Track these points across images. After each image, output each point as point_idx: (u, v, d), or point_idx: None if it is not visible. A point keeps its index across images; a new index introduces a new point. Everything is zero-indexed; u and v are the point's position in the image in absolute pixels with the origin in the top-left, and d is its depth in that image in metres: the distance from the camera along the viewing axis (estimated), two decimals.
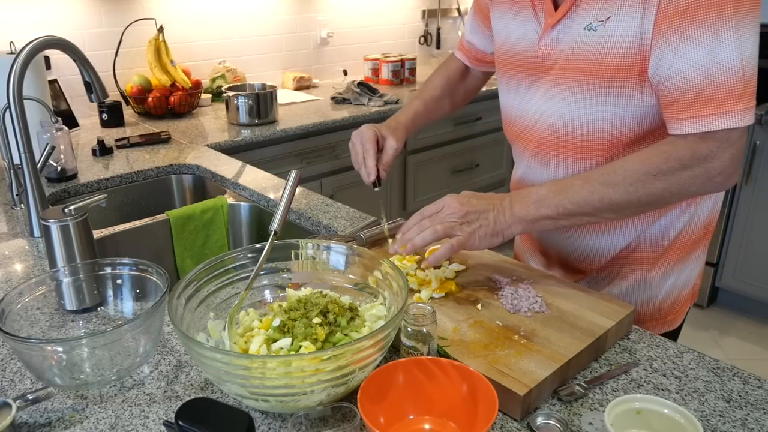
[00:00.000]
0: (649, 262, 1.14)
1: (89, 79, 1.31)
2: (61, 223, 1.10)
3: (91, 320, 1.02)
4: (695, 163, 0.91)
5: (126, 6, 2.51)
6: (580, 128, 1.05)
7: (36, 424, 0.80)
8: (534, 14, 1.08)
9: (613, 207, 0.96)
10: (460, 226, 0.98)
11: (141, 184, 1.82)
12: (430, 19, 3.66)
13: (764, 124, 2.67)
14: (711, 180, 0.92)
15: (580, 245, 1.17)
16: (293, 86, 3.00)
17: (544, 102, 1.09)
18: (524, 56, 1.12)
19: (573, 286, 1.03)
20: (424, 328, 0.82)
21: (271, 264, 0.98)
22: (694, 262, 1.17)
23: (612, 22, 0.96)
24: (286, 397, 0.75)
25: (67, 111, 2.30)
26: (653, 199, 0.95)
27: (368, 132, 1.23)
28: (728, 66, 0.87)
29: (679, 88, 0.91)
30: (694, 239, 1.14)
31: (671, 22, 0.89)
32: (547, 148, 1.12)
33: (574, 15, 1.01)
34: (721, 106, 0.88)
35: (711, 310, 3.08)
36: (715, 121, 0.89)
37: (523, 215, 0.98)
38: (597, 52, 0.98)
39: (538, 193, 0.99)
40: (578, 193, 0.96)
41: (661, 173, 0.92)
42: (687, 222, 1.11)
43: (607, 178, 0.96)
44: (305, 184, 2.40)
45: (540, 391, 0.80)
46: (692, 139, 0.91)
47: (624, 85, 0.98)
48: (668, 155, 0.92)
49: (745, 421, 0.79)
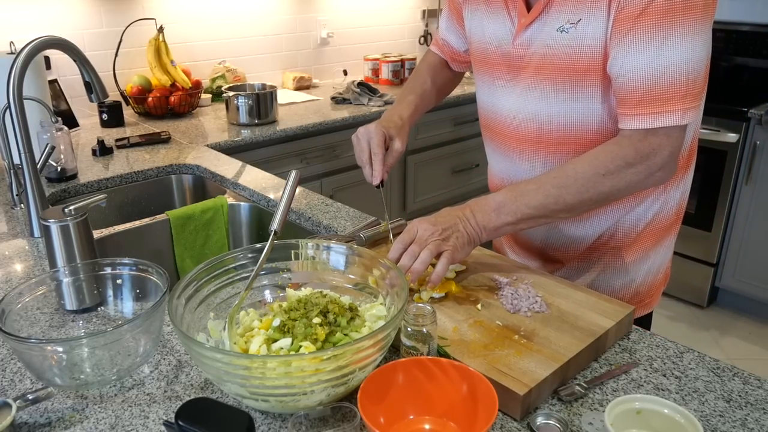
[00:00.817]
0: (625, 248, 1.19)
1: (89, 79, 1.31)
2: (61, 223, 1.10)
3: (91, 320, 1.02)
4: (639, 160, 0.97)
5: (126, 6, 2.51)
6: (556, 124, 1.10)
7: (36, 424, 0.80)
8: (507, 14, 1.11)
9: (567, 207, 1.02)
10: (443, 242, 1.00)
11: (141, 184, 1.82)
12: (430, 19, 3.66)
13: (764, 124, 2.67)
14: (652, 175, 0.99)
15: (557, 235, 1.21)
16: (293, 86, 3.00)
17: (522, 100, 1.13)
18: (499, 55, 1.15)
19: (573, 286, 1.03)
20: (424, 328, 0.82)
21: (271, 264, 0.98)
22: (667, 246, 1.23)
23: (582, 24, 1.00)
24: (286, 397, 0.75)
25: (67, 111, 2.30)
26: (603, 197, 1.02)
27: (378, 133, 1.20)
28: (673, 69, 0.93)
29: (627, 86, 0.97)
30: (666, 225, 1.20)
31: (624, 24, 0.95)
32: (525, 143, 1.16)
33: (546, 17, 1.05)
34: (664, 105, 0.95)
35: (711, 310, 3.08)
36: (657, 118, 0.95)
37: (485, 224, 1.03)
38: (569, 52, 1.03)
39: (495, 201, 1.03)
40: (534, 197, 1.02)
41: (608, 173, 0.99)
42: (659, 209, 1.17)
43: (560, 181, 1.01)
44: (305, 184, 2.40)
45: (540, 391, 0.80)
46: (636, 137, 0.98)
47: (593, 84, 1.03)
48: (614, 155, 0.99)
49: (745, 421, 0.79)
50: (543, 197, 1.01)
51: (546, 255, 1.26)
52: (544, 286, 1.03)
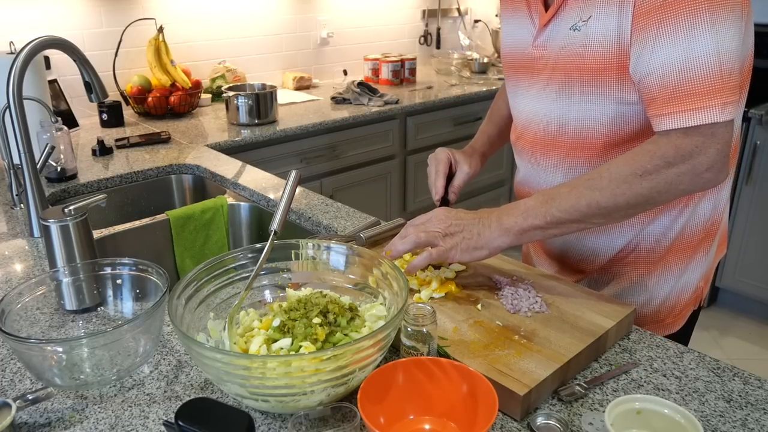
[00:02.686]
0: (646, 264, 1.13)
1: (89, 79, 1.31)
2: (61, 223, 1.10)
3: (91, 320, 1.01)
4: (680, 159, 0.90)
5: (126, 6, 2.51)
6: (570, 128, 1.06)
7: (36, 424, 0.80)
8: (529, 16, 1.10)
9: (601, 211, 0.94)
10: (442, 237, 0.99)
11: (141, 184, 1.82)
12: (430, 19, 3.65)
13: (764, 124, 2.67)
14: (699, 176, 0.91)
15: (579, 246, 1.17)
16: (293, 86, 3.00)
17: (536, 102, 1.11)
18: (521, 58, 1.13)
19: (573, 286, 1.03)
20: (424, 328, 0.82)
21: (271, 264, 0.98)
22: (696, 265, 1.14)
23: (592, 21, 0.97)
24: (286, 397, 0.75)
25: (67, 111, 2.30)
26: (642, 200, 0.93)
27: (442, 154, 1.29)
28: (704, 61, 0.87)
29: (657, 84, 0.91)
30: (694, 242, 1.12)
31: (647, 18, 0.90)
32: (541, 148, 1.13)
33: (562, 15, 1.02)
34: (699, 101, 0.88)
35: (711, 310, 3.08)
36: (694, 116, 0.88)
37: (510, 226, 0.97)
38: (580, 51, 0.99)
39: (525, 204, 0.98)
40: (565, 200, 0.95)
41: (646, 173, 0.91)
42: (685, 224, 1.10)
43: (593, 182, 0.94)
44: (305, 184, 2.40)
45: (540, 391, 0.80)
46: (675, 135, 0.90)
47: (605, 83, 0.98)
48: (652, 154, 0.91)
49: (745, 421, 0.79)
50: (575, 199, 0.94)
51: (569, 264, 1.22)
52: (544, 286, 1.03)
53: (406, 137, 2.83)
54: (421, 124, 2.86)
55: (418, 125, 2.85)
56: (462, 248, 0.99)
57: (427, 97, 2.89)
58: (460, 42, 3.77)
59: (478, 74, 3.47)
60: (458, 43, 3.77)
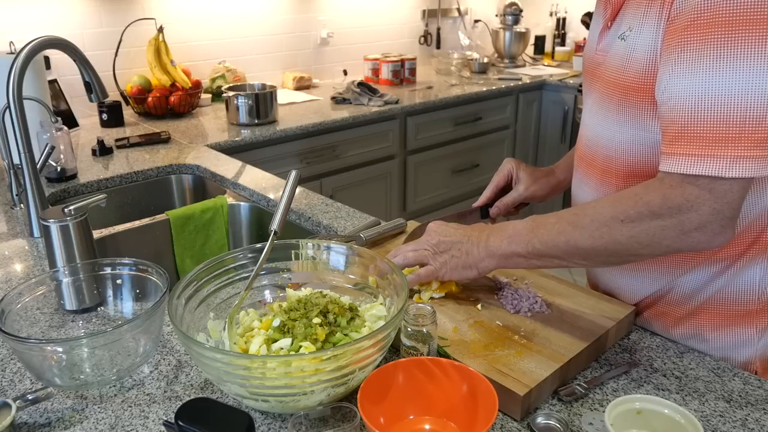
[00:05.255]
0: (672, 318, 1.00)
1: (89, 79, 1.31)
2: (61, 223, 1.10)
3: (91, 320, 1.01)
4: (666, 211, 0.78)
5: (126, 6, 2.51)
6: (603, 149, 0.97)
7: (36, 424, 0.80)
8: (604, 14, 0.99)
9: (579, 252, 0.85)
10: (432, 255, 0.97)
11: (141, 184, 1.82)
12: (430, 19, 3.65)
13: None
14: (686, 235, 0.78)
15: (609, 281, 1.07)
16: (293, 86, 3.00)
17: (586, 114, 1.03)
18: (587, 61, 1.05)
19: (573, 286, 1.03)
20: (424, 328, 0.82)
21: (271, 264, 0.98)
22: (744, 341, 0.95)
23: (635, 31, 0.86)
24: (286, 398, 0.75)
25: (67, 111, 2.30)
26: (621, 248, 0.82)
27: (506, 165, 1.21)
28: (725, 100, 0.73)
29: (668, 116, 0.79)
30: (740, 311, 0.94)
31: (673, 38, 0.78)
32: (581, 162, 1.06)
33: (619, 19, 0.92)
34: (706, 147, 0.74)
35: None
36: (695, 163, 0.75)
37: (494, 249, 0.91)
38: (621, 65, 0.89)
39: (515, 228, 0.91)
40: (548, 232, 0.87)
41: (628, 219, 0.80)
42: (725, 285, 0.93)
43: (577, 219, 0.85)
44: (305, 184, 2.40)
45: (540, 391, 0.80)
46: (668, 181, 0.78)
47: (639, 106, 0.87)
48: (637, 199, 0.80)
49: (745, 421, 0.79)
50: (556, 235, 0.86)
51: None
52: (544, 286, 1.03)
53: (406, 137, 2.83)
54: (421, 124, 2.86)
55: (418, 125, 2.85)
56: (451, 267, 0.95)
57: (427, 97, 2.89)
58: (460, 42, 3.77)
59: (478, 74, 3.47)
60: (458, 43, 3.78)
